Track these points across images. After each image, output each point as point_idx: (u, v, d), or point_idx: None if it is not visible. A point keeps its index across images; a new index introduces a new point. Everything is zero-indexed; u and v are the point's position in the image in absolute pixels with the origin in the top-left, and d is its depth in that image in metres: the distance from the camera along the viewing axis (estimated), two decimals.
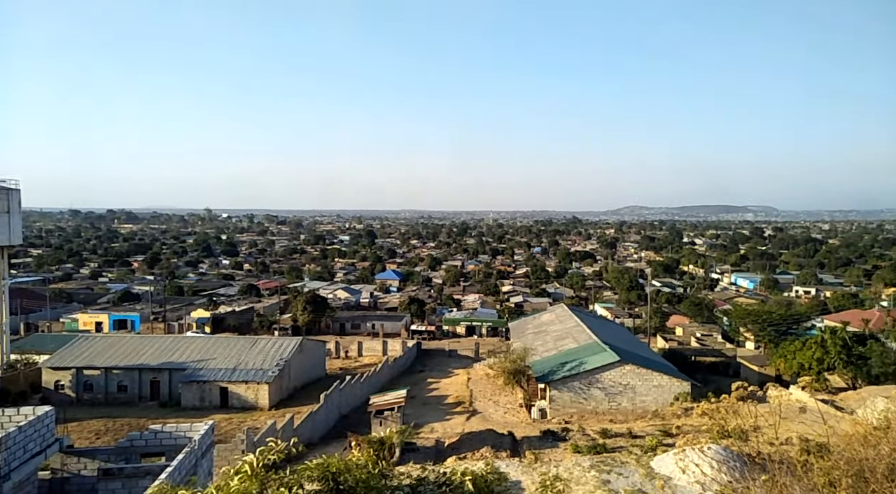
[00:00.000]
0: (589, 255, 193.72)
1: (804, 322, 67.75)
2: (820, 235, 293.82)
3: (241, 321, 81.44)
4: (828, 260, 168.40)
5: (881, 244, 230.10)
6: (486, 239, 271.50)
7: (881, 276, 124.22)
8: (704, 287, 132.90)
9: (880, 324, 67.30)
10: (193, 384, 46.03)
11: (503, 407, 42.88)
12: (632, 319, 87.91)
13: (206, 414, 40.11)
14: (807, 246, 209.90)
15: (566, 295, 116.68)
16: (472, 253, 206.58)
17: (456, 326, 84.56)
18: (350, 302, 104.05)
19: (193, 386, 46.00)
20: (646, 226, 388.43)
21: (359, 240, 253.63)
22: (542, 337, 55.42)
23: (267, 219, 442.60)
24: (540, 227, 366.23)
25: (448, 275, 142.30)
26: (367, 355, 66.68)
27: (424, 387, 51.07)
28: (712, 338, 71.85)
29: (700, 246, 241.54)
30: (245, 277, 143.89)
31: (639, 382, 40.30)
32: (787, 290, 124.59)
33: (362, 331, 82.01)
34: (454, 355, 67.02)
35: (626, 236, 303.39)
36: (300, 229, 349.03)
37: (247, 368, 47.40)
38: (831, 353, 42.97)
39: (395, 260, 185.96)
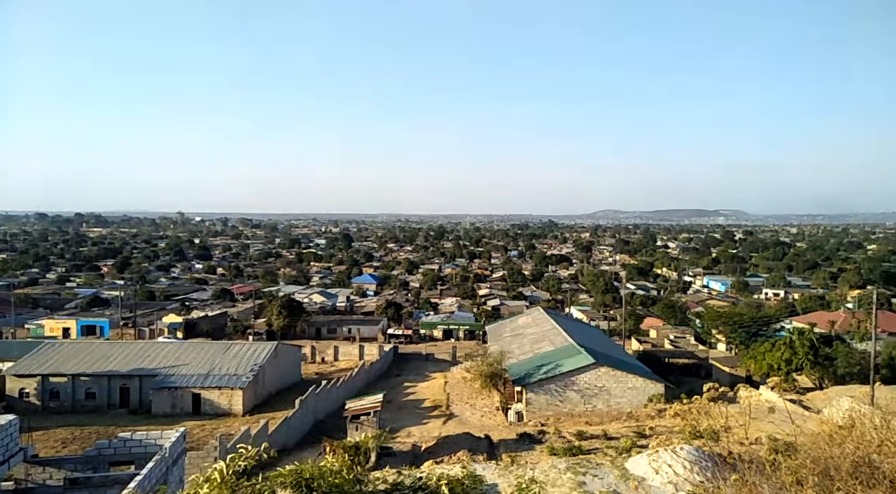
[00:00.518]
0: (565, 259, 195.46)
1: (773, 323, 69.32)
2: (788, 239, 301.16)
3: (215, 326, 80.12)
4: (796, 263, 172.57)
5: (846, 247, 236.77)
6: (464, 242, 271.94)
7: (846, 279, 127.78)
8: (677, 289, 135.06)
9: (846, 326, 69.14)
10: (165, 390, 45.09)
11: (480, 411, 42.92)
12: (607, 322, 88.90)
13: (177, 421, 39.29)
14: (776, 249, 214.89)
15: (542, 298, 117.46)
16: (450, 257, 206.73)
17: (433, 330, 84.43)
18: (326, 307, 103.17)
19: (165, 392, 45.06)
20: (620, 230, 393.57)
21: (335, 244, 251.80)
22: (519, 340, 55.67)
23: (241, 223, 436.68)
24: (517, 231, 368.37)
25: (425, 279, 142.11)
26: (343, 359, 66.13)
27: (401, 392, 50.85)
28: (685, 340, 73.04)
29: (673, 249, 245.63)
30: (219, 281, 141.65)
31: (614, 384, 40.74)
32: (757, 293, 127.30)
33: (338, 336, 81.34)
34: (431, 359, 66.89)
35: (602, 240, 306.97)
36: (275, 233, 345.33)
37: (220, 374, 46.61)
38: (799, 354, 44.01)
39: (372, 263, 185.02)
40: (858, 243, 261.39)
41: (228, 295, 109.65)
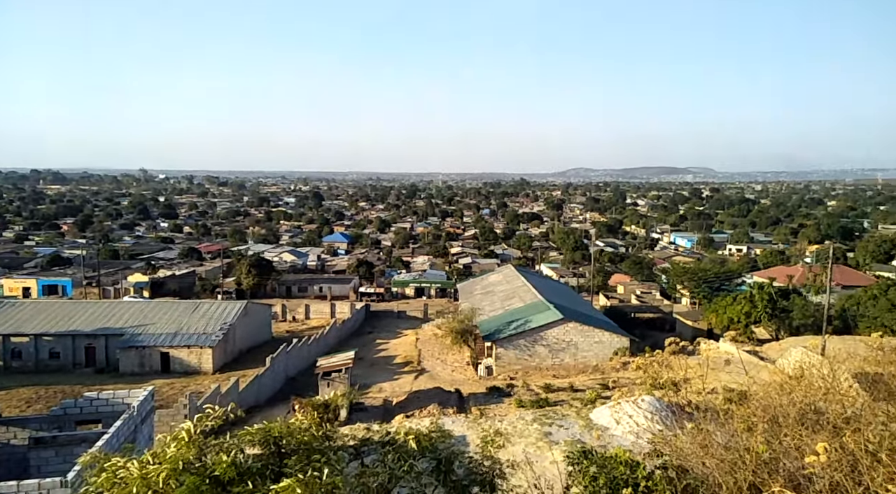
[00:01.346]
0: (536, 217, 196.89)
1: (735, 278, 71.63)
2: (753, 196, 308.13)
3: (183, 285, 78.96)
4: (759, 220, 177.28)
5: (807, 204, 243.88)
6: (436, 201, 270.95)
7: (805, 234, 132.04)
8: (645, 246, 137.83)
9: (803, 279, 71.83)
10: (132, 349, 44.64)
11: (451, 366, 43.73)
12: (576, 278, 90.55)
13: (146, 380, 39.09)
14: (740, 206, 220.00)
15: (514, 256, 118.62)
16: (422, 216, 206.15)
17: (405, 288, 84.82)
18: (297, 266, 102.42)
19: (132, 351, 44.61)
20: (591, 188, 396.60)
21: (305, 203, 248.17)
22: (490, 298, 56.41)
23: (208, 181, 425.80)
24: (489, 189, 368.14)
25: (397, 238, 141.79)
26: (314, 318, 66.20)
27: (373, 348, 51.37)
28: (651, 296, 75.05)
29: (642, 206, 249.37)
30: (186, 240, 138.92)
31: (581, 339, 41.82)
32: (721, 249, 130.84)
33: (310, 294, 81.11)
34: (403, 316, 67.44)
35: (573, 198, 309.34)
36: (243, 191, 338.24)
37: (189, 333, 46.24)
38: (758, 307, 45.70)
39: (343, 222, 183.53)
40: (819, 200, 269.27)
41: (196, 254, 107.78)
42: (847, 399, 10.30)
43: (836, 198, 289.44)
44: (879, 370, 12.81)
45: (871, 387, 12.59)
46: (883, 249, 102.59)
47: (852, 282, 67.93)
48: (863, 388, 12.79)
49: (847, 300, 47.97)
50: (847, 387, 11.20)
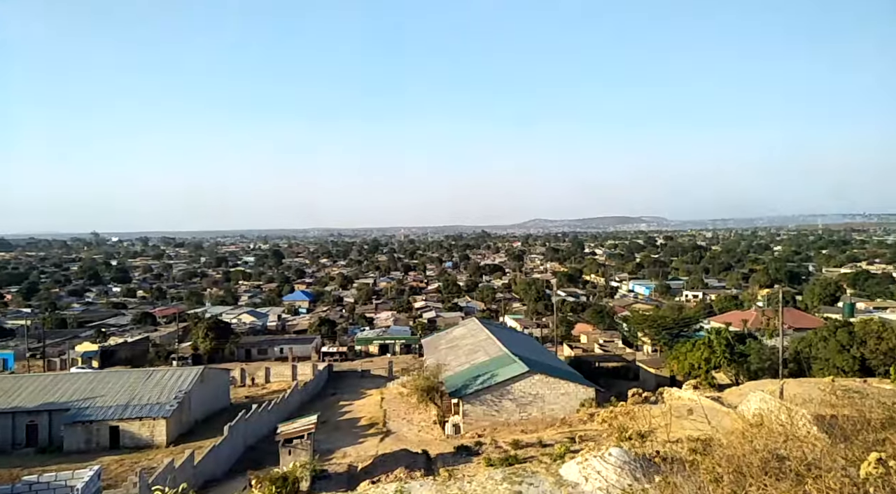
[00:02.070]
0: (498, 268, 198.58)
1: (693, 324, 73.13)
2: (704, 243, 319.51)
3: (135, 352, 75.59)
4: (712, 266, 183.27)
5: (755, 249, 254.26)
6: (398, 255, 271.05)
7: (756, 279, 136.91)
8: (605, 295, 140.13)
9: (757, 323, 73.93)
10: (78, 425, 41.94)
11: (417, 426, 42.63)
12: (540, 329, 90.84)
13: (93, 458, 36.59)
14: (693, 253, 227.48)
15: (478, 308, 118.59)
16: (384, 271, 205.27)
17: (369, 345, 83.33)
18: (256, 327, 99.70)
19: (78, 427, 41.90)
20: (550, 239, 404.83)
21: (265, 261, 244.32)
22: (455, 352, 55.85)
23: (163, 242, 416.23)
24: (451, 242, 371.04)
25: (360, 294, 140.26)
26: (275, 381, 63.99)
27: (336, 411, 49.75)
28: (614, 344, 75.77)
29: (600, 255, 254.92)
30: (139, 305, 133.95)
31: (547, 391, 41.58)
32: (678, 295, 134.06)
33: (270, 356, 78.73)
34: (367, 375, 65.92)
35: (533, 248, 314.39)
36: (200, 251, 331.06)
37: (141, 403, 43.91)
38: (717, 353, 46.61)
39: (305, 280, 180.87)
40: (766, 245, 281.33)
41: (150, 318, 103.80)
42: (807, 444, 10.52)
43: (781, 243, 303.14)
44: (835, 413, 13.18)
45: (829, 431, 12.89)
46: (828, 292, 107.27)
47: (802, 325, 70.29)
48: (821, 432, 13.08)
49: (799, 342, 49.47)
50: (806, 432, 11.44)
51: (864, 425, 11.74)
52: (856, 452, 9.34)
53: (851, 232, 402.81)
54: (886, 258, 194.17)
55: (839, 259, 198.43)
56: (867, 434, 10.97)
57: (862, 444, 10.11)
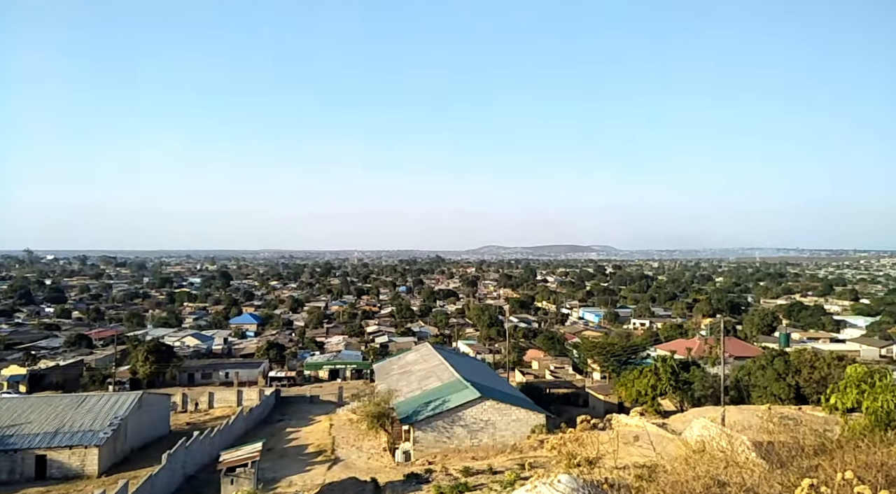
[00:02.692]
0: (452, 293, 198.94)
1: (641, 352, 74.98)
2: (651, 272, 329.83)
3: (68, 376, 71.49)
4: (658, 295, 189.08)
5: (698, 280, 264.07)
6: (351, 278, 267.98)
7: (699, 308, 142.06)
8: (556, 321, 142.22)
9: (700, 352, 76.43)
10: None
11: (367, 453, 41.77)
12: (492, 355, 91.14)
13: (15, 490, 34.16)
14: (641, 282, 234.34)
15: (431, 333, 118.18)
16: (337, 294, 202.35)
17: (318, 370, 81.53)
18: (201, 350, 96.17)
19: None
20: (503, 265, 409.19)
21: (212, 283, 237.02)
22: (407, 378, 55.29)
23: (103, 261, 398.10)
24: (405, 266, 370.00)
25: (310, 317, 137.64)
26: (219, 407, 61.61)
27: (283, 438, 48.23)
28: (564, 370, 76.70)
29: (552, 283, 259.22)
30: (74, 327, 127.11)
31: (498, 417, 41.57)
32: (626, 323, 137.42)
33: (214, 381, 75.92)
34: (316, 401, 64.34)
35: (486, 274, 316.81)
36: (143, 271, 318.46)
37: (72, 431, 41.38)
38: (663, 380, 47.87)
39: (253, 302, 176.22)
40: (708, 276, 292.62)
41: (86, 341, 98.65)
42: (746, 470, 10.92)
43: (722, 274, 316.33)
44: (772, 439, 13.75)
45: (767, 457, 13.42)
46: (766, 322, 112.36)
47: (743, 354, 73.15)
48: (759, 458, 13.60)
49: (739, 370, 51.43)
50: (745, 458, 11.89)
51: (798, 451, 12.30)
52: (791, 478, 9.76)
53: (786, 265, 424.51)
54: (818, 291, 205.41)
55: (775, 291, 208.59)
56: (801, 461, 11.50)
57: (797, 470, 10.59)
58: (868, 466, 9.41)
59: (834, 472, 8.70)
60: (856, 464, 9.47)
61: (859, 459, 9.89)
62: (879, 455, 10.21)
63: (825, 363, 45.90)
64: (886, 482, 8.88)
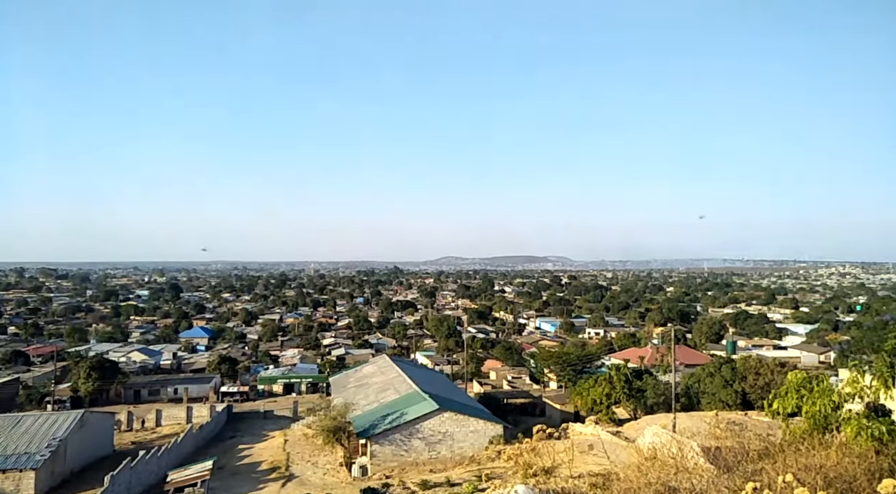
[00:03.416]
0: (410, 304, 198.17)
1: (596, 361, 76.36)
2: (605, 282, 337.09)
3: (2, 396, 67.43)
4: (612, 305, 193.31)
5: (650, 290, 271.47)
6: (307, 290, 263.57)
7: (651, 318, 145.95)
8: (514, 331, 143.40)
9: (652, 360, 78.44)
10: None
11: (322, 468, 40.97)
12: (451, 366, 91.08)
13: None
14: (595, 292, 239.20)
15: (389, 345, 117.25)
16: (292, 306, 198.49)
17: (273, 385, 79.64)
18: (148, 366, 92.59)
19: None
20: (462, 276, 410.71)
21: (160, 295, 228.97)
22: (364, 391, 54.66)
23: (42, 274, 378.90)
24: (362, 278, 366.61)
25: (264, 330, 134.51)
26: (167, 424, 59.33)
27: (235, 455, 46.81)
28: (522, 380, 77.34)
29: (509, 293, 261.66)
30: (10, 343, 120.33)
31: (456, 429, 41.51)
32: (581, 332, 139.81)
33: (162, 398, 73.16)
34: (270, 416, 62.76)
35: (445, 285, 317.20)
36: (86, 284, 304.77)
37: (6, 454, 39.06)
38: (617, 388, 48.85)
39: (204, 315, 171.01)
40: (659, 286, 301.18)
41: (22, 357, 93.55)
42: (695, 475, 11.25)
43: (672, 284, 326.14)
44: (719, 444, 14.23)
45: (715, 462, 13.86)
46: (714, 330, 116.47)
47: (692, 361, 75.51)
48: (708, 463, 14.03)
49: (690, 378, 53.01)
50: (694, 464, 12.27)
51: (744, 456, 12.75)
52: (737, 482, 10.11)
53: (732, 275, 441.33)
54: (762, 300, 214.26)
55: (722, 300, 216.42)
56: (746, 465, 11.93)
57: (742, 474, 10.97)
58: (807, 468, 9.85)
59: (776, 475, 9.06)
60: (796, 467, 9.89)
61: (799, 462, 10.34)
62: (818, 457, 10.70)
63: (769, 369, 47.85)
64: (824, 483, 9.30)
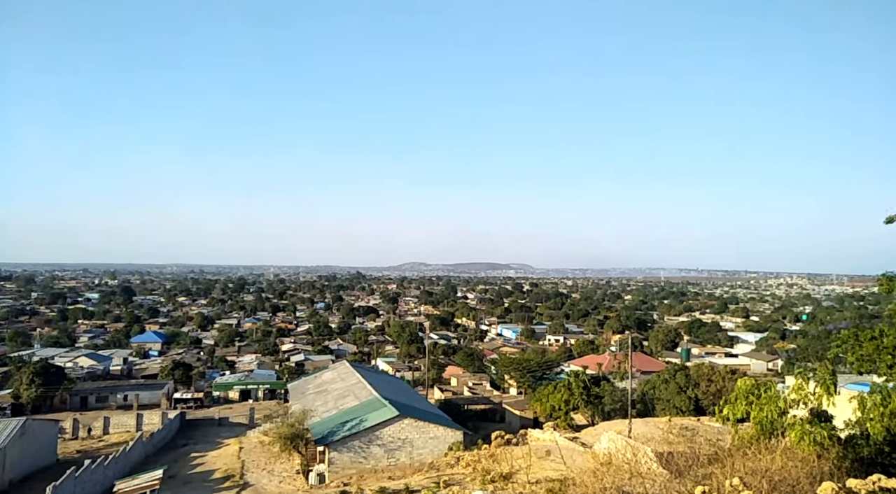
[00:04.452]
0: (372, 310, 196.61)
1: (555, 367, 77.34)
2: (565, 290, 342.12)
3: None
4: (572, 312, 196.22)
5: (609, 298, 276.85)
6: (267, 295, 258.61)
7: (609, 325, 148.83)
8: (476, 338, 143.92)
9: (610, 367, 79.90)
10: None
11: (279, 476, 40.14)
12: (412, 372, 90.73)
13: None
14: (556, 299, 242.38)
15: (349, 351, 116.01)
16: (250, 311, 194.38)
17: (229, 391, 77.71)
18: (96, 371, 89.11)
19: None
20: (425, 282, 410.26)
21: (112, 298, 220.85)
22: (323, 397, 53.94)
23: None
24: (324, 283, 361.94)
25: (221, 335, 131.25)
26: (115, 432, 57.17)
27: (187, 463, 45.40)
28: (482, 387, 77.60)
29: (472, 300, 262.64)
30: None
31: (416, 435, 41.35)
32: (542, 339, 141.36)
33: (111, 405, 70.52)
34: (225, 423, 61.20)
35: (407, 291, 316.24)
36: (31, 286, 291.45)
37: None
38: (575, 395, 49.59)
39: (158, 319, 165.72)
40: (618, 294, 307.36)
41: None
42: (648, 480, 11.52)
43: (630, 292, 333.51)
44: (672, 449, 14.60)
45: (667, 465, 14.22)
46: (669, 338, 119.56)
47: (649, 368, 77.22)
48: (661, 467, 14.37)
49: (645, 384, 54.22)
50: (647, 468, 12.57)
51: (695, 460, 13.13)
52: (688, 486, 10.40)
53: (687, 285, 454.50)
54: (715, 309, 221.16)
55: (678, 309, 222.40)
56: (697, 469, 12.28)
57: (693, 478, 11.29)
58: (754, 472, 10.22)
59: (724, 479, 9.37)
60: (743, 471, 10.25)
61: (747, 466, 10.71)
62: (764, 461, 11.11)
63: (720, 376, 49.40)
64: (769, 486, 9.66)
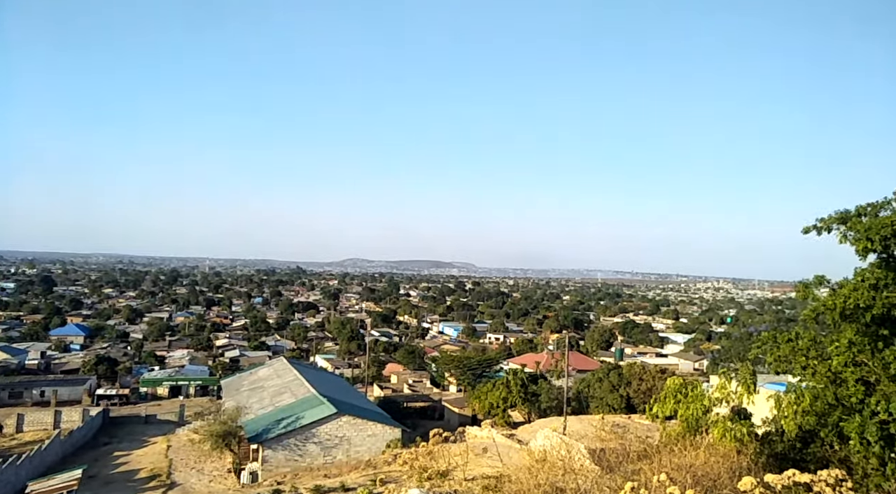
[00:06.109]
0: (312, 306, 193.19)
1: (494, 365, 78.39)
2: (507, 289, 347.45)
3: None
4: (512, 311, 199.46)
5: (548, 298, 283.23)
6: (201, 288, 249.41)
7: (548, 324, 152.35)
8: (417, 335, 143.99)
9: (548, 365, 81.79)
10: None
11: (209, 476, 38.82)
12: (351, 369, 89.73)
13: None
14: (497, 298, 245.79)
15: (287, 347, 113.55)
16: (183, 304, 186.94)
17: (157, 387, 74.44)
18: (10, 365, 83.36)
19: None
20: (367, 278, 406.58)
21: (29, 288, 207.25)
22: (259, 394, 52.60)
23: None
24: (262, 277, 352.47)
25: (151, 329, 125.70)
26: (29, 430, 53.66)
27: (109, 463, 43.21)
28: (423, 384, 77.72)
29: (414, 297, 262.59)
30: None
31: (354, 433, 40.95)
32: (482, 337, 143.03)
33: (26, 401, 66.13)
34: (153, 421, 58.57)
35: (349, 287, 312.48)
36: None
37: None
38: (513, 392, 50.42)
39: (81, 312, 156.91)
40: (557, 294, 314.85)
41: None
42: (581, 476, 11.82)
43: (569, 293, 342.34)
44: (604, 446, 15.07)
45: (599, 462, 14.65)
46: (604, 338, 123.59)
47: (584, 367, 79.51)
48: (593, 463, 14.80)
49: (581, 383, 55.82)
50: (581, 465, 12.93)
51: (625, 457, 13.59)
52: (618, 481, 10.74)
53: (623, 286, 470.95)
54: (647, 310, 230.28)
55: (613, 309, 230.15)
56: (627, 465, 12.71)
57: (623, 474, 11.68)
58: (679, 468, 10.66)
59: (652, 474, 9.73)
60: (670, 466, 10.68)
61: (673, 462, 11.18)
62: (689, 457, 11.62)
63: (651, 375, 51.43)
64: (693, 481, 10.11)
